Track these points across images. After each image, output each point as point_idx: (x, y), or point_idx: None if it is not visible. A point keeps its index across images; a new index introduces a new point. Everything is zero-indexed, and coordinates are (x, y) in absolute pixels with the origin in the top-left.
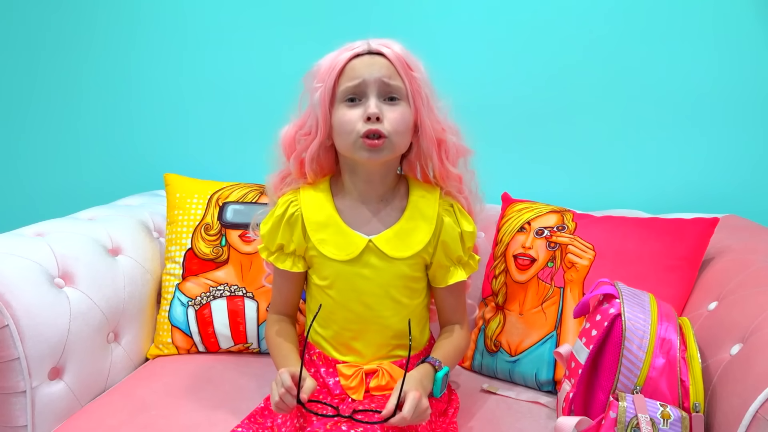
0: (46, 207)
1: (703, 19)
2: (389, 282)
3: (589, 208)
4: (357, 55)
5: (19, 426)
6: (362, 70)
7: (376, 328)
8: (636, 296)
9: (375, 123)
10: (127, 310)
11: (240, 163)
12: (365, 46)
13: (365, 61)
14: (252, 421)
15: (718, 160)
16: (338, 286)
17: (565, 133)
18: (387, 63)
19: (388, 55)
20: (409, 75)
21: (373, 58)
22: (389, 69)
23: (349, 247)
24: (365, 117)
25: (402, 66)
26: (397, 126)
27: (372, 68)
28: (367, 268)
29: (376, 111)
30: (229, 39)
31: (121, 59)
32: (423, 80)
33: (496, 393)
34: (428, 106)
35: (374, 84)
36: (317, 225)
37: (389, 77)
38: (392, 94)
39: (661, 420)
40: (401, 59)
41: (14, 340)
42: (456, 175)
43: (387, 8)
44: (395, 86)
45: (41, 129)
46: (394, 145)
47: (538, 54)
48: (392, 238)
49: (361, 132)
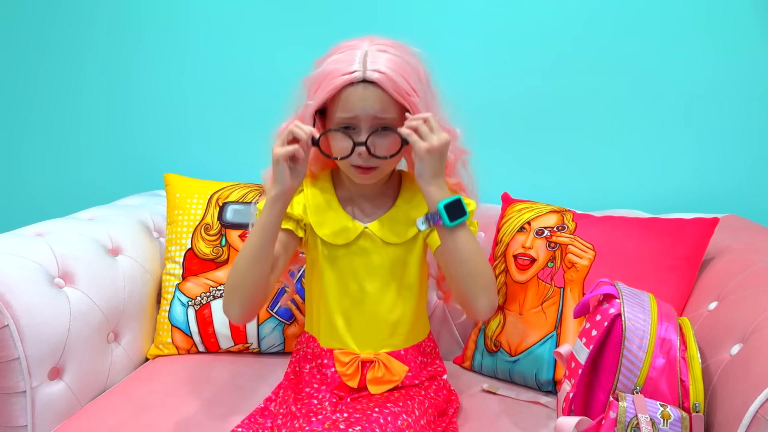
0: (46, 207)
1: (703, 19)
2: (385, 268)
3: (589, 208)
4: (351, 83)
5: (19, 426)
6: (355, 105)
7: (371, 314)
8: (636, 296)
9: (366, 158)
10: (127, 310)
11: (240, 163)
12: (360, 72)
13: (359, 94)
14: (252, 421)
15: (718, 160)
16: (335, 274)
17: (566, 133)
18: (381, 95)
19: (383, 84)
20: (406, 100)
21: (366, 89)
22: (383, 102)
23: (345, 232)
24: (357, 153)
25: (399, 93)
26: (389, 158)
27: (365, 103)
28: (362, 254)
29: (367, 157)
30: (229, 39)
31: (122, 59)
32: (422, 100)
33: (496, 393)
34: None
35: (366, 120)
36: (317, 207)
37: (382, 111)
38: (385, 125)
39: (661, 420)
40: (398, 88)
41: (14, 340)
42: (453, 183)
43: (387, 8)
44: (388, 119)
45: (41, 129)
46: (385, 171)
47: (538, 54)
48: (386, 223)
49: (354, 163)
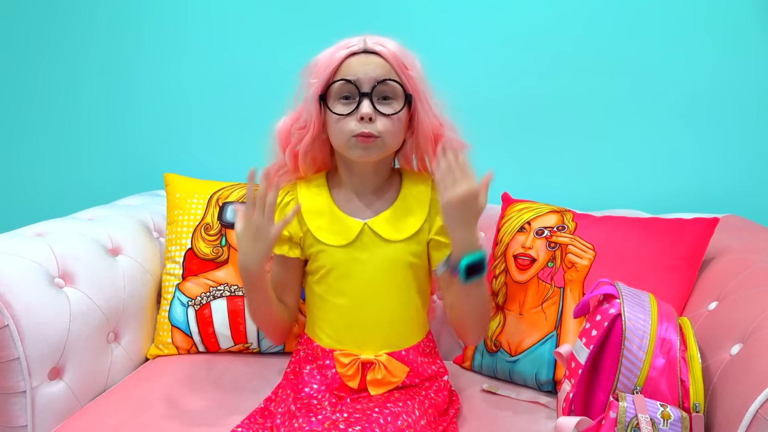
0: (46, 207)
1: (702, 19)
2: (386, 266)
3: (589, 208)
4: (353, 54)
5: (19, 426)
6: (357, 69)
7: (371, 314)
8: (636, 296)
9: (368, 124)
10: (127, 310)
11: (240, 163)
12: (361, 45)
13: (361, 60)
14: (252, 421)
15: (718, 160)
16: (336, 273)
17: (566, 133)
18: (382, 62)
19: (383, 54)
20: (405, 73)
21: (368, 57)
22: (384, 68)
23: (346, 231)
24: (358, 117)
25: (398, 65)
26: (390, 127)
27: (367, 68)
28: (363, 252)
29: (369, 112)
30: (229, 39)
31: (122, 59)
32: (419, 78)
33: (496, 393)
34: (424, 102)
35: (369, 83)
36: (314, 213)
37: (384, 77)
38: (386, 93)
39: (661, 420)
40: (397, 58)
41: (14, 340)
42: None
43: (388, 9)
44: (390, 86)
45: (41, 129)
46: (386, 144)
47: (538, 54)
48: (387, 221)
49: (355, 131)
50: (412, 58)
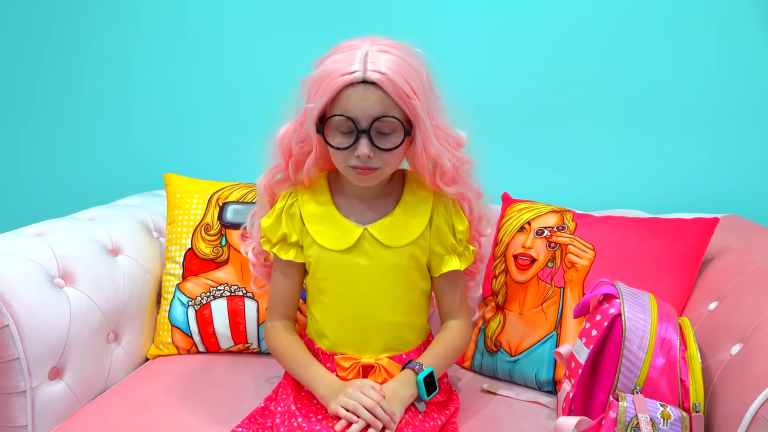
0: (46, 207)
1: (704, 19)
2: (385, 272)
3: (589, 208)
4: (351, 84)
5: (19, 426)
6: (356, 106)
7: (373, 320)
8: (636, 296)
9: (366, 161)
10: (127, 310)
11: (240, 163)
12: (360, 73)
13: (360, 95)
14: (252, 421)
15: (718, 160)
16: (336, 278)
17: (566, 133)
18: (381, 96)
19: (383, 85)
20: (406, 103)
21: (367, 90)
22: (383, 104)
23: (345, 236)
24: (356, 155)
25: (398, 95)
26: (389, 158)
27: (365, 104)
28: (363, 257)
29: (367, 152)
30: (229, 39)
31: (122, 59)
32: (422, 104)
33: (496, 393)
34: (427, 129)
35: (367, 121)
36: (314, 217)
37: (382, 113)
38: (384, 129)
39: (661, 420)
40: (397, 88)
41: (14, 340)
42: (454, 192)
43: (387, 9)
44: (388, 122)
45: (41, 129)
46: (385, 174)
47: (538, 54)
48: (387, 227)
49: (352, 164)
50: (416, 74)
